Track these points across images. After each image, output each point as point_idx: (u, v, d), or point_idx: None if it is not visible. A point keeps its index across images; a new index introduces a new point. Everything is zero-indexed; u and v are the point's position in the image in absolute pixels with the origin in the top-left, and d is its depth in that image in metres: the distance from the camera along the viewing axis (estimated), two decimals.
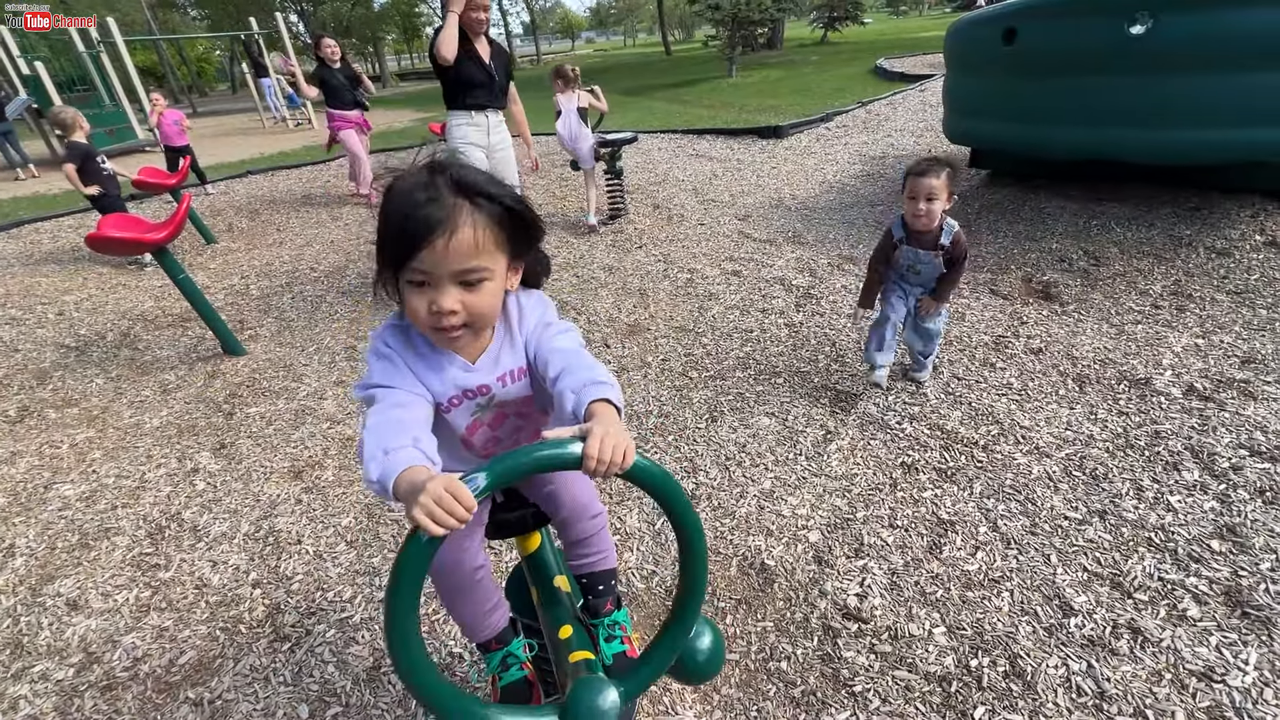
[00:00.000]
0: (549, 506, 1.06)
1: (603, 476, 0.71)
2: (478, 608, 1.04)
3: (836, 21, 23.95)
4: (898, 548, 1.75)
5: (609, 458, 0.69)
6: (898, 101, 8.91)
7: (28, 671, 1.62)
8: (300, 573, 1.86)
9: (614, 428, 0.71)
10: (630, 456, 0.71)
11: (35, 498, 2.31)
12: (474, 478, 0.68)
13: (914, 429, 2.22)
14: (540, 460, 0.72)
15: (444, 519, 0.63)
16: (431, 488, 0.63)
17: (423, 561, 0.70)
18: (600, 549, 1.08)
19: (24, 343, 3.68)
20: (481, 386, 0.92)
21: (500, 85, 3.49)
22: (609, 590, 1.09)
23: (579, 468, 0.70)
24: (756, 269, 3.74)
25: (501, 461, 0.71)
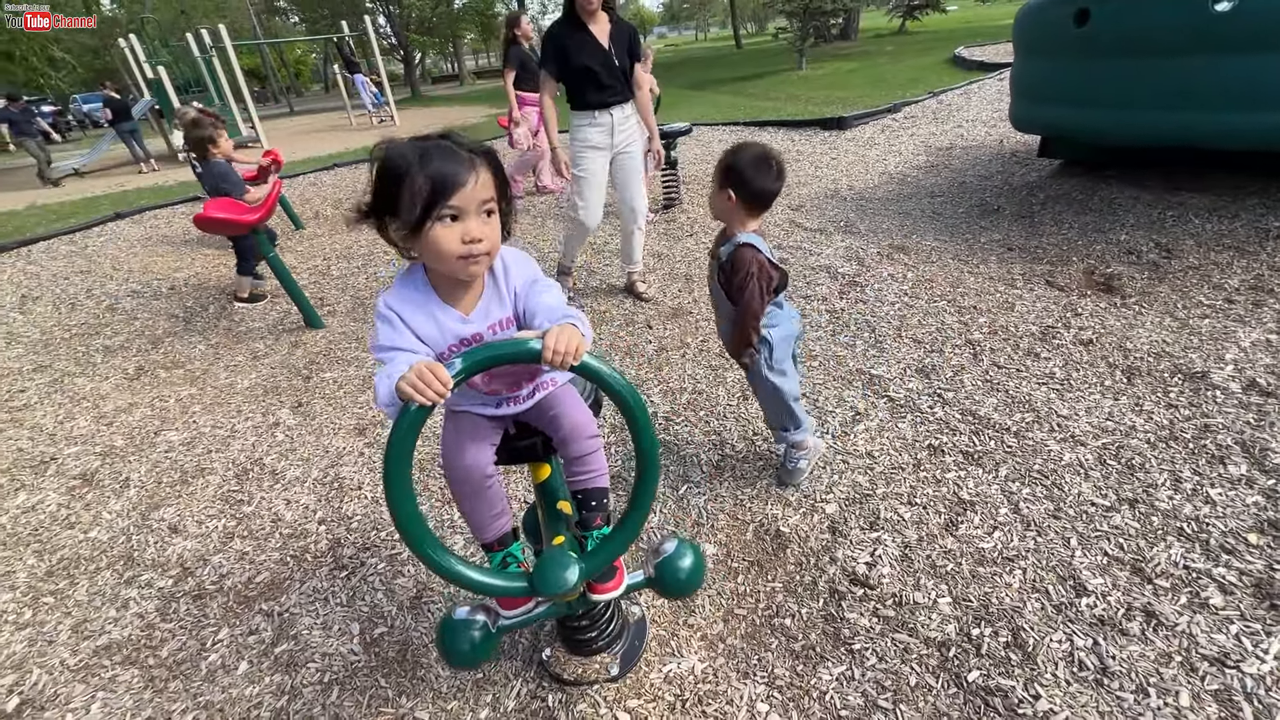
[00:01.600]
0: (552, 428, 1.20)
1: (559, 368, 0.89)
2: (486, 511, 1.20)
3: (916, 10, 22.99)
4: (914, 523, 1.78)
5: (563, 349, 0.87)
6: (973, 91, 8.55)
7: (136, 579, 1.92)
8: (359, 514, 2.09)
9: (568, 330, 0.90)
10: (581, 352, 0.90)
11: (147, 441, 2.67)
12: (452, 363, 0.88)
13: (945, 413, 2.22)
14: (505, 352, 0.91)
15: (424, 389, 0.82)
16: (415, 367, 0.84)
17: (413, 430, 0.90)
18: (594, 468, 1.21)
19: (142, 312, 4.18)
20: (475, 335, 1.05)
21: (623, 71, 3.03)
22: (600, 507, 1.23)
23: (538, 360, 0.89)
24: (804, 256, 3.76)
25: (473, 353, 0.90)
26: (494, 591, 1.08)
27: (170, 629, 1.73)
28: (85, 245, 6.03)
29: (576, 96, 3.04)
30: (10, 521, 2.25)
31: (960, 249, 3.60)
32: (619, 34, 3.00)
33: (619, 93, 3.04)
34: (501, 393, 1.18)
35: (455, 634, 1.17)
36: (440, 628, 1.20)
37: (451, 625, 1.19)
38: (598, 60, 2.95)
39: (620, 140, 3.13)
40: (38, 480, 2.48)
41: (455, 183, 0.93)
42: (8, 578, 1.98)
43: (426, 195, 0.92)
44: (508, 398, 1.19)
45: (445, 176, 0.92)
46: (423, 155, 0.94)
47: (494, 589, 1.08)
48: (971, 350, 2.57)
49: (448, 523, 2.01)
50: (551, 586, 1.03)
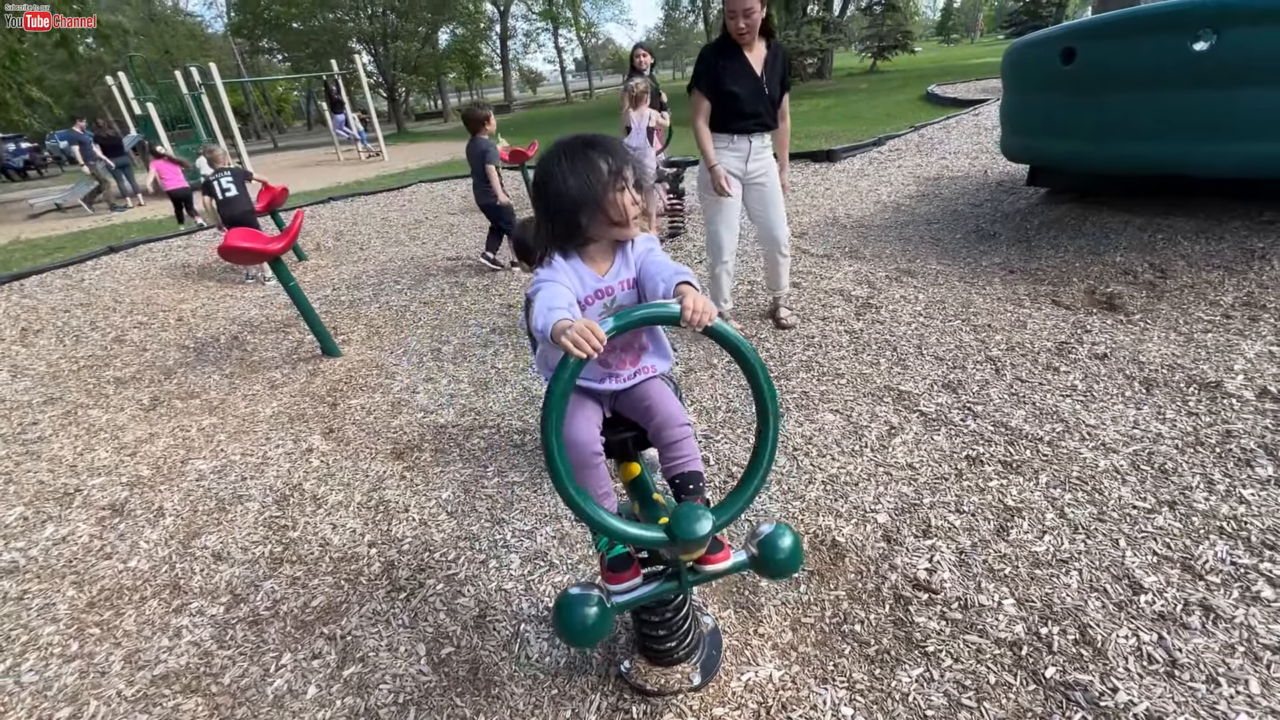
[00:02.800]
0: (645, 419, 1.33)
1: (695, 327, 1.01)
2: (595, 487, 1.28)
3: (886, 50, 24.08)
4: (965, 530, 1.83)
5: (702, 308, 1.01)
6: (951, 125, 8.94)
7: (186, 607, 1.88)
8: (409, 536, 2.08)
9: (703, 298, 1.04)
10: (714, 315, 1.03)
11: (175, 470, 2.63)
12: (605, 322, 1.01)
13: (978, 425, 2.30)
14: (650, 313, 1.04)
15: (583, 343, 0.95)
16: (577, 325, 0.97)
17: (571, 377, 1.02)
18: (688, 452, 1.30)
19: (151, 344, 4.13)
20: (607, 288, 1.27)
21: (772, 100, 2.96)
22: (699, 490, 1.29)
23: (678, 321, 1.02)
24: (815, 281, 3.88)
25: (623, 315, 1.04)
26: (636, 539, 1.14)
27: (229, 655, 1.69)
28: (81, 279, 5.95)
29: (718, 119, 2.97)
30: (41, 554, 2.19)
31: (964, 272, 3.75)
32: (773, 60, 2.91)
33: (762, 121, 2.97)
34: (611, 367, 1.33)
35: (573, 610, 1.20)
36: (558, 605, 1.22)
37: (569, 602, 1.21)
38: (747, 87, 2.88)
39: (754, 168, 3.05)
40: (64, 512, 2.43)
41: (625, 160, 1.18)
42: (48, 610, 1.92)
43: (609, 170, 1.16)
44: (613, 374, 1.33)
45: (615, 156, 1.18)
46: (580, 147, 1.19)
47: (636, 536, 1.14)
48: (993, 366, 2.67)
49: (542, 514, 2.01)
50: (688, 532, 1.10)
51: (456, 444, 2.59)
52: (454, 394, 3.03)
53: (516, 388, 3.02)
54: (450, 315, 4.10)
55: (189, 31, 33.85)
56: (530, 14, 41.04)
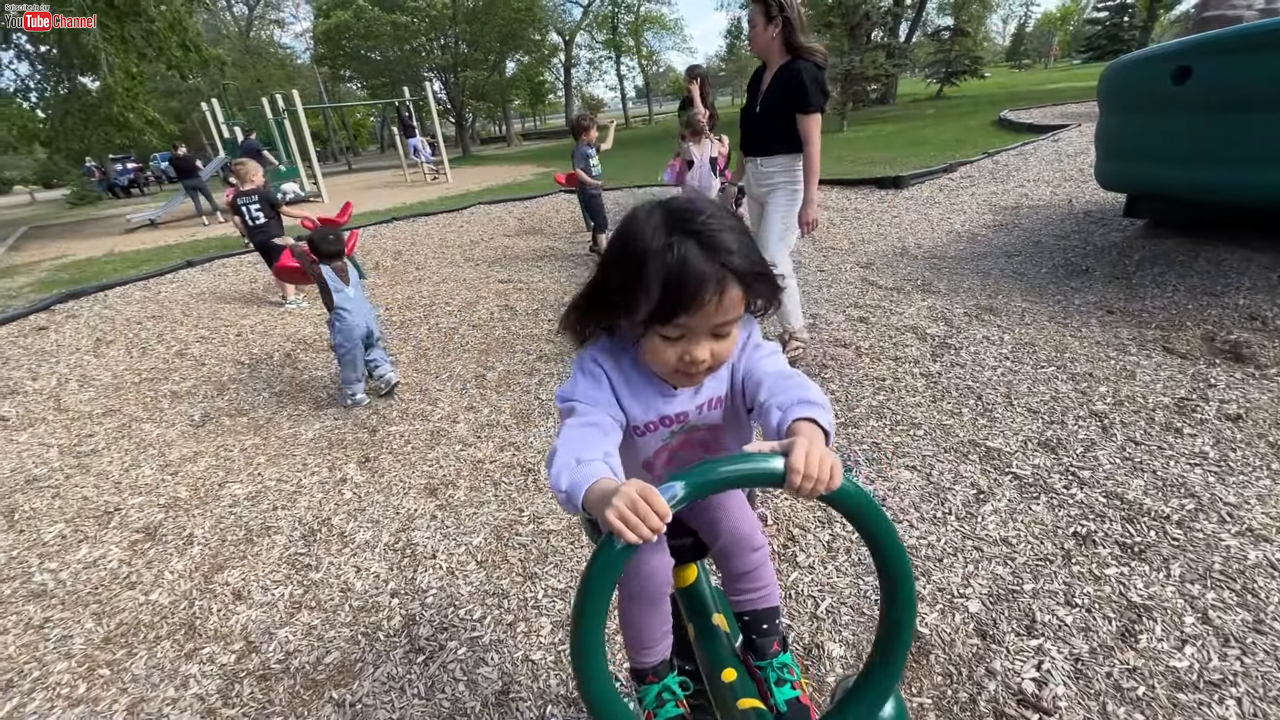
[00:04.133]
0: (709, 534, 1.01)
1: (806, 496, 0.66)
2: (659, 625, 0.99)
3: (953, 76, 23.39)
4: (1080, 630, 1.52)
5: (815, 473, 0.65)
6: (1028, 152, 8.42)
7: (198, 653, 1.76)
8: (434, 587, 1.91)
9: (819, 443, 0.68)
10: (838, 476, 0.66)
11: (211, 494, 2.58)
12: (670, 486, 0.66)
13: (1085, 496, 1.97)
14: (740, 473, 0.69)
15: (637, 525, 0.62)
16: (625, 491, 0.63)
17: (614, 569, 0.67)
18: (763, 584, 1.01)
19: (210, 358, 4.21)
20: (680, 414, 0.92)
21: (763, 119, 2.82)
22: (774, 630, 1.01)
23: (781, 484, 0.66)
24: (885, 316, 3.58)
25: (699, 472, 0.67)
26: None
27: (232, 716, 1.55)
28: (158, 291, 6.23)
29: None
30: (71, 578, 2.15)
31: (1055, 311, 3.38)
32: (779, 81, 2.72)
33: (753, 141, 2.91)
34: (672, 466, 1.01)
35: None
36: None
37: None
38: (748, 107, 2.90)
39: (758, 191, 3.00)
40: (101, 532, 2.39)
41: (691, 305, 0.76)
42: (65, 643, 1.85)
43: (656, 309, 0.77)
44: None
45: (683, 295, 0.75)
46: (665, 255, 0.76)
47: None
48: (1099, 423, 2.32)
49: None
50: None
51: (493, 482, 2.44)
52: (494, 424, 2.89)
53: (559, 422, 2.85)
54: (498, 340, 4.00)
55: (279, 62, 36.43)
56: (594, 43, 42.18)
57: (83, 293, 6.20)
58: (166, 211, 13.09)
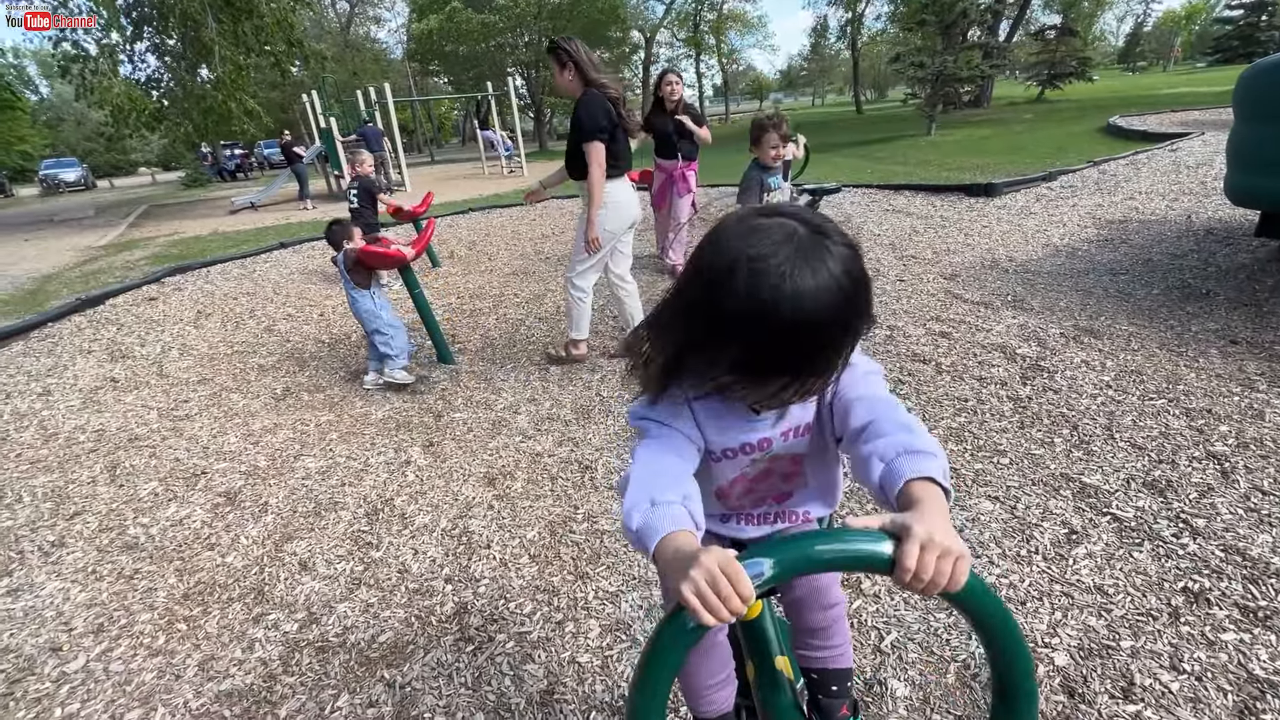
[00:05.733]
0: (784, 585, 0.93)
1: (921, 594, 0.57)
2: (710, 676, 0.93)
3: (1057, 78, 21.86)
4: (1188, 700, 1.35)
5: (930, 573, 0.53)
6: (1140, 162, 7.74)
7: (264, 618, 1.84)
8: (487, 577, 1.92)
9: (940, 527, 0.55)
10: (962, 574, 0.55)
11: (286, 466, 2.70)
12: (758, 563, 0.57)
13: (1199, 548, 1.75)
14: (841, 558, 0.59)
15: (717, 608, 0.53)
16: (707, 564, 0.54)
17: (681, 648, 0.60)
18: (836, 643, 0.93)
19: (294, 335, 4.45)
20: (763, 441, 0.83)
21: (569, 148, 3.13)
22: (844, 692, 0.93)
23: (889, 574, 0.56)
24: (969, 332, 3.35)
25: (794, 547, 0.58)
26: None
27: (291, 685, 1.61)
28: (254, 270, 6.66)
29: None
30: (159, 533, 2.30)
31: (1167, 337, 3.06)
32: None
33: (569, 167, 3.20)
34: (745, 509, 0.93)
35: None
36: None
37: None
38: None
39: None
40: (188, 493, 2.56)
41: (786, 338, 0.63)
42: (149, 595, 1.98)
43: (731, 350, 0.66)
44: (744, 514, 0.93)
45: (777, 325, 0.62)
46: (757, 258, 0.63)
47: None
48: (1218, 466, 2.07)
49: None
50: None
51: (550, 476, 2.44)
52: (554, 418, 2.90)
53: (619, 420, 2.82)
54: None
55: (374, 57, 38.34)
56: (675, 40, 42.11)
57: (188, 268, 6.71)
58: (266, 196, 14.03)
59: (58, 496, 2.61)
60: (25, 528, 2.41)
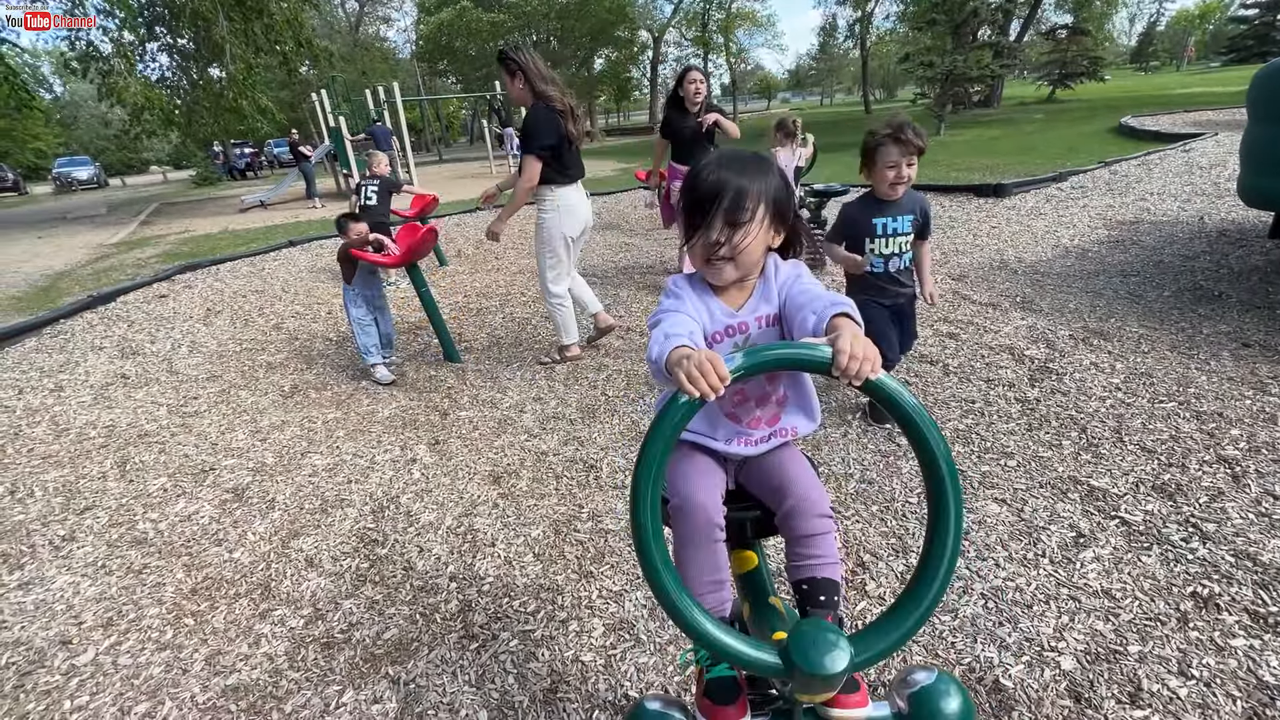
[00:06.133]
0: (776, 498, 1.04)
1: (850, 379, 0.74)
2: (707, 569, 1.01)
3: (1069, 78, 21.70)
4: (1196, 706, 1.33)
5: (860, 355, 0.73)
6: (1152, 162, 7.67)
7: (270, 614, 1.85)
8: (492, 575, 1.93)
9: (860, 336, 0.77)
10: (878, 365, 0.75)
11: (294, 462, 2.72)
12: (731, 357, 0.77)
13: (1209, 552, 1.74)
14: (791, 355, 0.79)
15: (698, 381, 0.74)
16: (695, 356, 0.76)
17: (680, 421, 0.77)
18: (824, 552, 0.99)
19: (302, 333, 4.47)
20: (740, 324, 1.05)
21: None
22: (830, 603, 0.96)
23: (828, 369, 0.75)
24: (977, 334, 3.33)
25: (756, 352, 0.78)
26: (740, 659, 0.81)
27: (296, 680, 1.62)
28: (262, 268, 6.71)
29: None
30: (168, 528, 2.32)
31: (1178, 340, 3.03)
32: None
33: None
34: (740, 423, 1.08)
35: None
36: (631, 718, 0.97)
37: (646, 716, 0.95)
38: None
39: None
40: (197, 489, 2.58)
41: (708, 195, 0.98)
42: (158, 590, 1.99)
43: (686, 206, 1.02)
44: (740, 433, 1.08)
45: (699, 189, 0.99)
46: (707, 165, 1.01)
47: (741, 656, 0.81)
48: (1229, 470, 2.05)
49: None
50: (815, 665, 0.76)
51: (555, 475, 2.44)
52: (559, 417, 2.90)
53: (625, 419, 2.83)
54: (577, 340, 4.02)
55: (383, 56, 38.50)
56: (683, 40, 42.06)
57: (198, 265, 6.77)
58: (275, 194, 14.12)
59: (69, 491, 2.64)
60: (37, 522, 2.43)
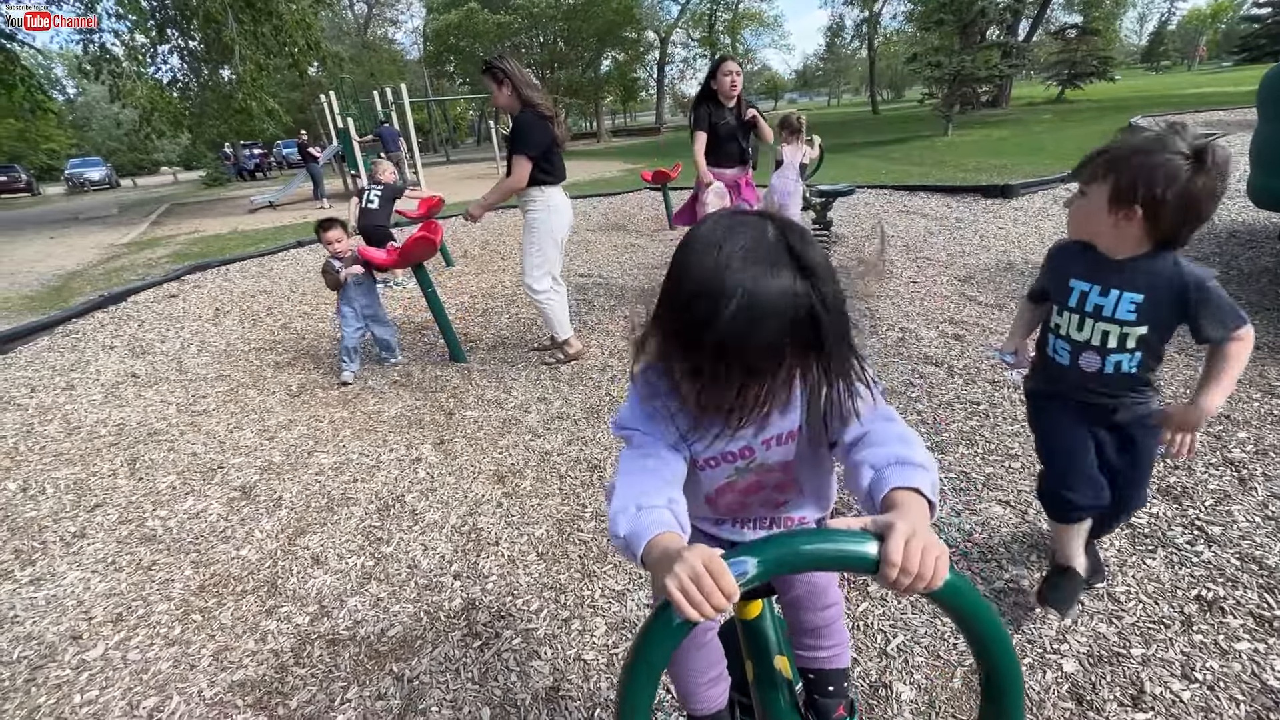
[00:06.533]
0: (783, 584, 0.95)
1: (904, 593, 0.56)
2: (701, 674, 0.94)
3: (1078, 78, 21.55)
4: (1199, 710, 1.33)
5: (915, 569, 0.54)
6: None
7: (276, 610, 1.87)
8: (495, 574, 1.94)
9: (922, 526, 0.57)
10: (943, 571, 0.56)
11: (300, 461, 2.75)
12: (742, 561, 0.57)
13: (1214, 555, 1.73)
14: (824, 554, 0.59)
15: (700, 603, 0.54)
16: (691, 561, 0.55)
17: (668, 645, 0.61)
18: (833, 642, 0.94)
19: (310, 333, 4.51)
20: (744, 450, 0.81)
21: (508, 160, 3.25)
22: (840, 693, 0.93)
23: (874, 574, 0.56)
24: (983, 335, 3.32)
25: (776, 546, 0.59)
26: None
27: (302, 676, 1.63)
28: (271, 268, 6.76)
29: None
30: (177, 526, 2.35)
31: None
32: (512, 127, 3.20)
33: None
34: (736, 516, 0.92)
35: None
36: None
37: None
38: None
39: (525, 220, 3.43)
40: (205, 487, 2.60)
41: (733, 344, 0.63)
42: (166, 586, 2.02)
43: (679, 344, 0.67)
44: (739, 519, 0.92)
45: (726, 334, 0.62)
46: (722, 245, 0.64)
47: None
48: (1234, 472, 2.04)
49: None
50: None
51: (559, 475, 2.45)
52: (564, 417, 2.92)
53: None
54: (573, 333, 4.04)
55: (391, 57, 38.71)
56: (690, 40, 42.06)
57: (208, 266, 6.83)
58: (284, 195, 14.23)
59: (79, 488, 2.68)
60: (48, 518, 2.47)
